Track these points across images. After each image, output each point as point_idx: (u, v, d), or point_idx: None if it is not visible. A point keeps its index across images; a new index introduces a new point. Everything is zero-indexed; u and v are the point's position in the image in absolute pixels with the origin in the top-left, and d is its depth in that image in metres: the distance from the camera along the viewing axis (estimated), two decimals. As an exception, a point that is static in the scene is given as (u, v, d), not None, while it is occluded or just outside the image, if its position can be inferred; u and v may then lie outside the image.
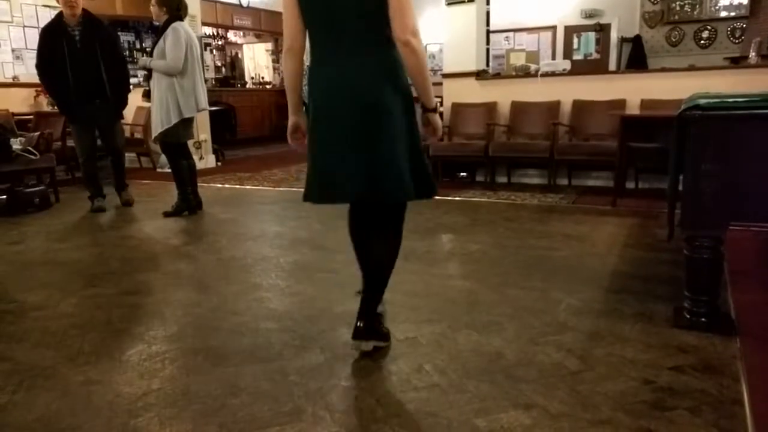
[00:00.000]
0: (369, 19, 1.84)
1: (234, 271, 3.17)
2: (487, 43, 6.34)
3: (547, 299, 2.58)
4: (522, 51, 9.95)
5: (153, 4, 4.37)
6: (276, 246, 3.67)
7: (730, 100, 2.18)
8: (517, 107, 5.88)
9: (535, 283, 2.79)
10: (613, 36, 9.53)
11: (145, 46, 9.67)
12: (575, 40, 9.90)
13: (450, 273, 3.06)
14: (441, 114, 5.84)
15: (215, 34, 11.61)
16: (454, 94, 6.20)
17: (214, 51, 11.75)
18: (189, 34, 4.40)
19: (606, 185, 5.30)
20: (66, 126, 5.80)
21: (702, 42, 8.97)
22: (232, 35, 12.26)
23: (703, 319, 2.20)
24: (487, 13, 6.27)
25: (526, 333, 2.23)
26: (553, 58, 9.59)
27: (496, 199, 5.00)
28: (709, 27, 8.89)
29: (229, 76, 12.11)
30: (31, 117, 6.36)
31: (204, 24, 8.91)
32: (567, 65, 6.29)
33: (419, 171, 1.97)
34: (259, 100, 11.34)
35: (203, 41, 9.14)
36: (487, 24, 6.28)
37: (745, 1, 8.58)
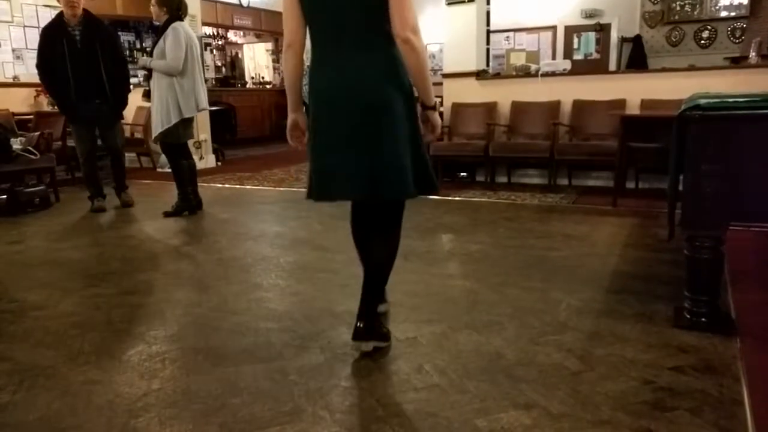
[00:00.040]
0: (369, 16, 1.84)
1: (234, 271, 3.17)
2: (487, 43, 6.34)
3: (547, 299, 2.58)
4: (522, 51, 9.95)
5: (153, 4, 4.37)
6: (276, 246, 3.67)
7: (731, 100, 2.18)
8: (518, 107, 5.88)
9: (536, 283, 2.79)
10: (614, 36, 9.53)
11: (145, 46, 9.67)
12: (575, 40, 9.90)
13: (450, 273, 3.06)
14: (441, 114, 5.85)
15: (215, 34, 11.61)
16: (454, 94, 6.20)
17: (214, 51, 11.75)
18: (189, 34, 4.40)
19: (606, 185, 5.30)
20: (66, 126, 5.80)
21: (702, 42, 8.97)
22: (232, 35, 12.27)
23: (703, 319, 2.20)
24: (487, 13, 6.27)
25: (527, 333, 2.23)
26: (554, 58, 9.59)
27: (497, 199, 5.00)
28: (709, 27, 8.89)
29: (229, 76, 12.11)
30: (31, 117, 6.35)
31: (204, 24, 8.92)
32: (567, 65, 6.29)
33: (421, 168, 1.98)
34: (259, 100, 11.35)
35: (203, 41, 9.14)
36: (488, 24, 6.28)
37: (745, 1, 8.58)
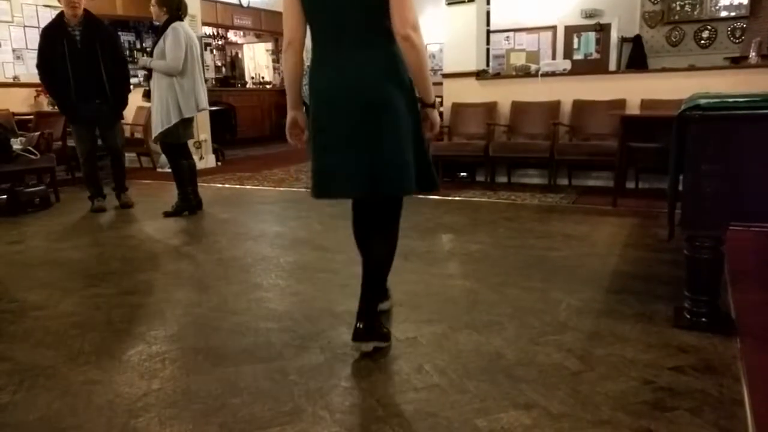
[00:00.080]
0: (369, 14, 1.84)
1: (234, 271, 3.17)
2: (487, 43, 6.34)
3: (547, 299, 2.58)
4: (522, 51, 9.95)
5: (153, 4, 4.37)
6: (276, 246, 3.67)
7: (731, 100, 2.18)
8: (517, 107, 5.88)
9: (536, 283, 2.79)
10: (614, 36, 9.53)
11: (145, 46, 9.67)
12: (575, 40, 9.90)
13: (450, 273, 3.05)
14: (441, 114, 5.85)
15: (215, 34, 11.61)
16: (454, 94, 6.20)
17: (214, 51, 11.75)
18: (189, 34, 4.40)
19: (606, 185, 5.30)
20: (66, 126, 5.80)
21: (702, 42, 8.97)
22: (232, 35, 12.26)
23: (703, 319, 2.20)
24: (487, 13, 6.27)
25: (527, 333, 2.23)
26: (554, 58, 9.60)
27: (497, 199, 5.00)
28: (709, 27, 8.90)
29: (229, 76, 12.11)
30: (31, 117, 6.36)
31: (204, 24, 8.92)
32: (567, 65, 6.29)
33: (423, 166, 1.99)
34: (259, 100, 11.35)
35: (203, 41, 9.14)
36: (487, 24, 6.28)
37: (745, 1, 8.58)
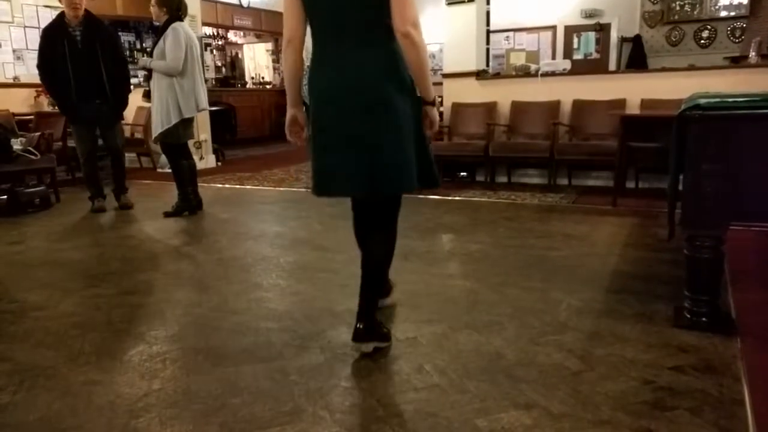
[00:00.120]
0: (369, 12, 1.84)
1: (234, 270, 3.17)
2: (487, 42, 6.34)
3: (547, 299, 2.58)
4: (522, 51, 9.95)
5: (153, 5, 4.37)
6: (276, 246, 3.67)
7: (730, 99, 2.18)
8: (517, 107, 5.88)
9: (536, 283, 2.79)
10: (613, 36, 9.53)
11: (145, 46, 9.67)
12: (575, 40, 9.90)
13: (450, 273, 3.05)
14: (441, 114, 5.85)
15: (215, 34, 11.61)
16: (454, 94, 6.20)
17: (215, 51, 11.75)
18: (189, 34, 4.40)
19: (606, 185, 5.30)
20: (66, 126, 5.81)
21: (702, 42, 8.97)
22: (232, 35, 12.27)
23: (703, 319, 2.20)
24: (487, 13, 6.27)
25: (527, 333, 2.23)
26: (553, 57, 9.60)
27: (496, 199, 5.00)
28: (709, 27, 8.90)
29: (230, 76, 12.11)
30: (31, 117, 6.36)
31: (204, 24, 8.92)
32: (567, 65, 6.29)
33: (424, 164, 1.99)
34: (259, 100, 11.35)
35: (203, 41, 9.14)
36: (487, 24, 6.28)
37: (745, 0, 8.58)
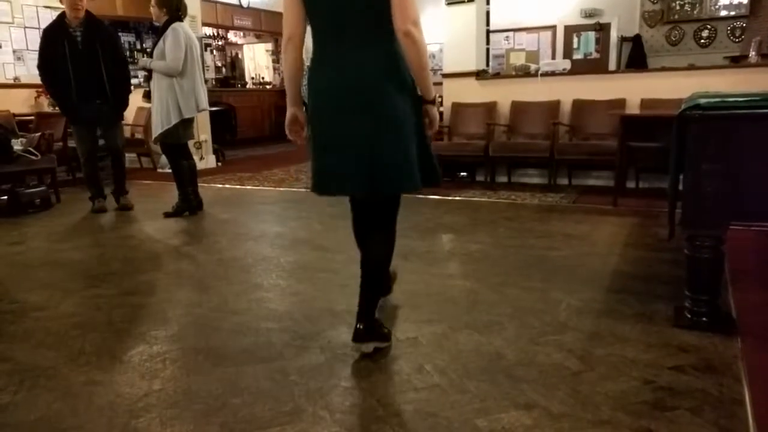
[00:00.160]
0: (370, 11, 1.84)
1: (234, 271, 3.17)
2: (487, 42, 6.34)
3: (547, 299, 2.58)
4: (522, 51, 9.96)
5: (153, 5, 4.37)
6: (276, 246, 3.67)
7: (730, 99, 2.18)
8: (517, 107, 5.88)
9: (536, 283, 2.79)
10: (613, 35, 9.53)
11: (145, 46, 9.68)
12: (575, 40, 9.90)
13: (450, 273, 3.05)
14: (441, 114, 5.85)
15: (215, 34, 11.62)
16: (454, 94, 6.20)
17: (215, 51, 11.75)
18: (189, 34, 4.41)
19: (606, 185, 5.29)
20: (67, 127, 5.81)
21: (702, 41, 8.97)
22: (232, 35, 12.27)
23: (703, 319, 2.20)
24: (487, 13, 6.27)
25: (527, 333, 2.23)
26: (553, 57, 9.60)
27: (497, 199, 5.00)
28: (709, 26, 8.90)
29: (230, 77, 12.12)
30: (32, 118, 6.36)
31: (204, 24, 8.92)
32: (567, 65, 6.29)
33: (426, 163, 2.00)
34: (259, 101, 11.35)
35: (203, 41, 9.14)
36: (487, 24, 6.28)
37: (745, 0, 8.58)
